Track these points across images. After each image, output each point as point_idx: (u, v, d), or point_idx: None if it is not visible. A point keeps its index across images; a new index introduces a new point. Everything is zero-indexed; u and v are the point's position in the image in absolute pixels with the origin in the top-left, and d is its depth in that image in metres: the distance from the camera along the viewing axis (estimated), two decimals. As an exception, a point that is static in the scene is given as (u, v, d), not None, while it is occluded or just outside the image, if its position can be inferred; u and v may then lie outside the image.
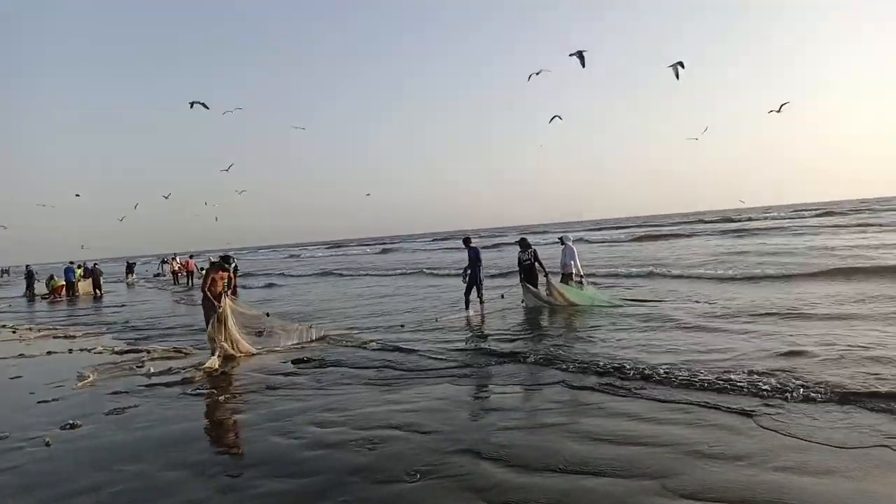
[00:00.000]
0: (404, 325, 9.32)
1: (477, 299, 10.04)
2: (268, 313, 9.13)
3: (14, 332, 11.53)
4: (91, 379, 6.51)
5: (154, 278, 32.49)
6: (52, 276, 23.28)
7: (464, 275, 10.24)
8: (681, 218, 72.67)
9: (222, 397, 5.54)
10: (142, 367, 7.13)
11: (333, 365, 6.64)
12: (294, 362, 6.89)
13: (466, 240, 10.60)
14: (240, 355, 7.42)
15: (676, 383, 4.91)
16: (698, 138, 19.43)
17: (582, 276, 10.67)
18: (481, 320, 9.38)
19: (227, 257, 7.94)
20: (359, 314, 11.37)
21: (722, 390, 4.63)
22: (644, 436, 3.83)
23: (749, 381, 4.74)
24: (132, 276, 31.11)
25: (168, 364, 7.22)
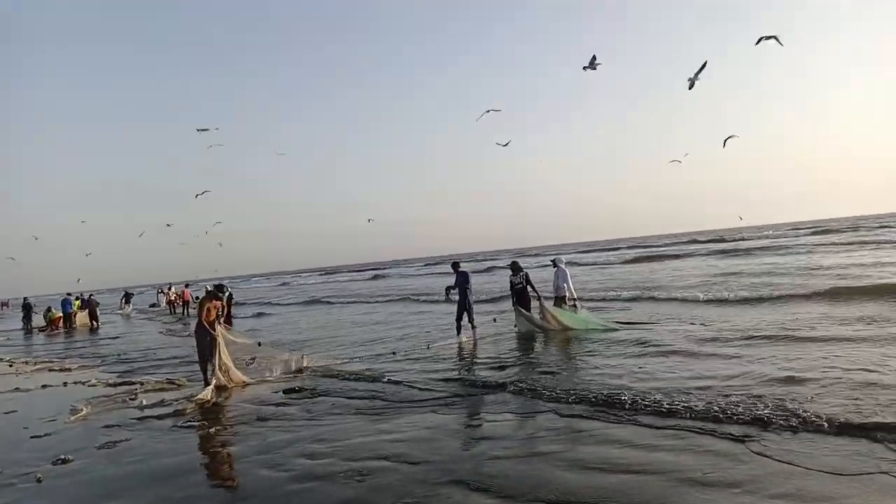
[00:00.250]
0: (396, 351, 9.35)
1: (468, 324, 10.10)
2: (259, 342, 9.17)
3: (11, 366, 11.48)
4: (84, 412, 6.52)
5: (150, 308, 32.39)
6: (49, 308, 23.27)
7: (446, 293, 10.40)
8: (674, 238, 72.75)
9: (213, 429, 5.54)
10: (135, 399, 7.13)
11: (324, 394, 6.65)
12: (285, 392, 6.90)
13: (455, 264, 10.72)
14: (232, 385, 7.44)
15: (669, 409, 4.88)
16: (681, 161, 19.50)
17: (575, 299, 10.73)
18: (473, 346, 9.40)
19: (220, 286, 7.94)
20: (350, 342, 11.35)
21: (715, 417, 4.59)
22: (636, 463, 3.81)
23: (744, 407, 4.70)
24: (129, 307, 31.01)
25: (161, 396, 7.22)
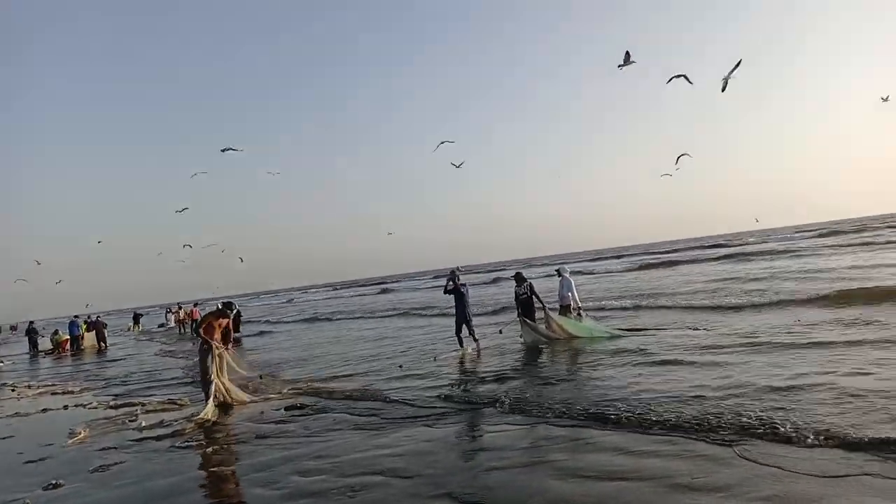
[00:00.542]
0: (402, 365, 9.27)
1: (470, 337, 9.99)
2: (261, 375, 9.12)
3: (13, 391, 11.51)
4: (82, 436, 6.48)
5: (159, 328, 32.47)
6: (56, 331, 23.43)
7: (445, 288, 10.27)
8: (682, 245, 72.41)
9: (210, 449, 5.49)
10: (134, 420, 7.09)
11: (325, 411, 6.59)
12: (287, 409, 6.84)
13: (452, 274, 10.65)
14: (234, 403, 7.37)
15: (667, 417, 4.82)
16: (671, 175, 19.29)
17: (580, 308, 10.68)
18: (477, 357, 9.32)
19: (228, 304, 7.86)
20: (355, 358, 11.27)
21: (708, 425, 4.51)
22: (629, 470, 3.78)
23: (734, 415, 4.65)
24: (137, 328, 31.12)
25: (161, 416, 7.18)
